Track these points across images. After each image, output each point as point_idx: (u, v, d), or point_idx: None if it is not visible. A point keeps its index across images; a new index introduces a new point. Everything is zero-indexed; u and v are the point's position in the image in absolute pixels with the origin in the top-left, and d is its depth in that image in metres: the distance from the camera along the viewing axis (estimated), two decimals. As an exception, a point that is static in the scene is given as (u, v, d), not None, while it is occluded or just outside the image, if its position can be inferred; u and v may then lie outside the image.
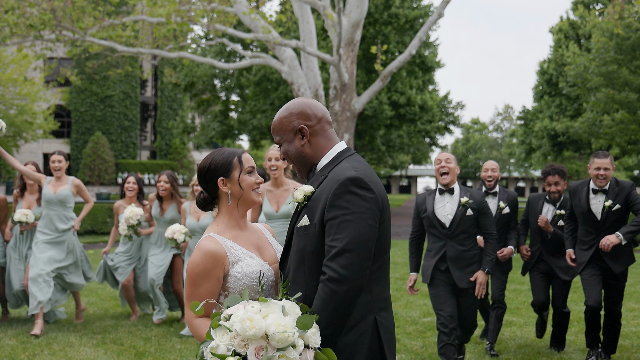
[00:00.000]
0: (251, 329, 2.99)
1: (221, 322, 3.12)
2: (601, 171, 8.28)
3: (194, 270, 3.55)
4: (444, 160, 7.68)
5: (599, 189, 8.33)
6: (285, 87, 37.08)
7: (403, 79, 39.45)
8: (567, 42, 46.17)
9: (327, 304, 3.28)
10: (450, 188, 7.68)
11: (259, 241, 3.82)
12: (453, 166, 7.69)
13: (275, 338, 3.00)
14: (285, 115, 3.72)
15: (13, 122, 37.67)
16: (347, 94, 20.68)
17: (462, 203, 7.56)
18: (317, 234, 3.44)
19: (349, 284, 3.28)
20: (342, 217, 3.35)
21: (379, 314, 3.54)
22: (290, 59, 21.09)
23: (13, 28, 19.87)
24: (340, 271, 3.28)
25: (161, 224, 10.53)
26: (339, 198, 3.39)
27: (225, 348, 3.05)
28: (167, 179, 10.39)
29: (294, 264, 3.55)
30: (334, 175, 3.50)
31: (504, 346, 9.29)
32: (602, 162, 8.30)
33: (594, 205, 8.36)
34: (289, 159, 3.74)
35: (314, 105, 3.73)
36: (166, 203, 10.51)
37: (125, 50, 21.34)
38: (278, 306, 3.12)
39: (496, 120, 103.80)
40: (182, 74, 41.16)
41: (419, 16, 38.31)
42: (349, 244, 3.30)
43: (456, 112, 47.49)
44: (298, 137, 3.68)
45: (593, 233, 8.40)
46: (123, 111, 54.33)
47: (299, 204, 3.63)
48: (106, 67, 47.43)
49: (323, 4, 19.44)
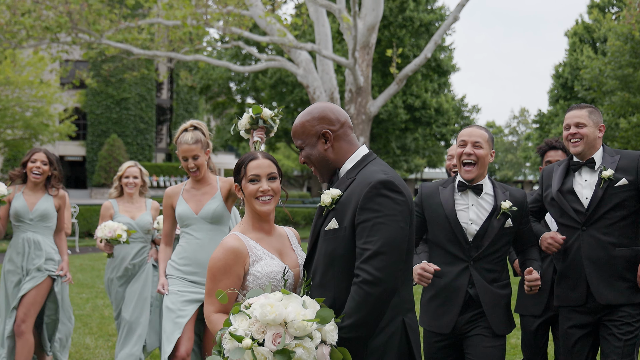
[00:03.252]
0: (271, 314, 3.02)
1: (242, 309, 3.15)
2: (571, 129, 5.40)
3: (215, 266, 3.61)
4: (470, 143, 5.04)
5: (581, 162, 5.40)
6: (301, 90, 37.12)
7: (418, 82, 39.41)
8: (582, 45, 46.00)
9: (362, 306, 3.32)
10: (478, 185, 5.06)
11: (281, 246, 3.86)
12: (484, 153, 5.03)
13: (293, 325, 3.03)
14: (308, 119, 3.73)
15: (29, 124, 37.85)
16: (363, 97, 20.67)
17: (503, 209, 4.95)
18: (348, 237, 3.47)
19: (383, 285, 3.33)
20: (375, 220, 3.39)
21: (407, 315, 3.59)
22: (305, 62, 21.11)
23: (29, 31, 19.97)
24: (374, 273, 3.32)
25: None
26: (371, 201, 3.43)
27: (243, 333, 3.07)
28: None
29: (321, 267, 3.57)
30: (363, 178, 3.53)
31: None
32: (573, 115, 5.44)
33: (578, 186, 5.38)
34: (311, 163, 3.75)
35: (337, 110, 3.75)
36: None
37: (141, 52, 21.41)
38: (299, 300, 3.14)
39: (512, 124, 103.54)
40: (198, 76, 41.30)
41: (434, 20, 38.30)
42: (382, 246, 3.35)
43: (472, 116, 47.44)
44: (321, 142, 3.71)
45: (572, 231, 5.36)
46: (139, 114, 54.55)
47: (325, 207, 3.64)
48: (122, 70, 47.59)
49: (339, 7, 19.44)
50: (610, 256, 5.20)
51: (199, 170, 6.14)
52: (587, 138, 5.33)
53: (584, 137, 5.32)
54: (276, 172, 3.85)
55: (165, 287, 6.10)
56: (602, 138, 5.44)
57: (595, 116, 5.40)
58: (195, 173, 6.14)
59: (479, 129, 5.10)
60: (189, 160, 6.12)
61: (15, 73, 34.72)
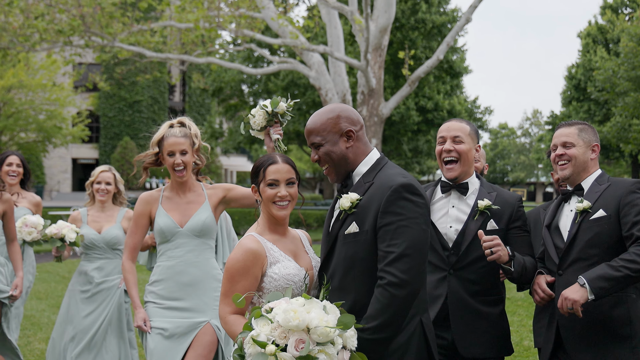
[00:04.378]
0: (294, 320, 3.02)
1: (263, 313, 3.16)
2: (559, 150, 4.65)
3: (234, 267, 3.62)
4: (449, 139, 4.59)
5: (569, 190, 4.68)
6: (313, 93, 37.12)
7: (431, 84, 39.35)
8: (596, 46, 45.83)
9: (387, 307, 3.37)
10: (462, 183, 4.60)
11: (296, 249, 3.87)
12: (466, 148, 4.55)
13: (317, 332, 3.03)
14: (331, 117, 3.73)
15: (42, 127, 38.05)
16: (375, 99, 20.64)
17: (480, 208, 4.50)
18: (369, 241, 3.52)
19: (409, 287, 3.40)
20: (398, 223, 3.44)
21: (424, 315, 3.67)
22: (317, 64, 21.10)
23: (43, 34, 20.05)
24: (400, 276, 3.37)
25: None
26: (393, 204, 3.47)
27: (265, 338, 3.07)
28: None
29: (340, 270, 3.60)
30: (382, 182, 3.57)
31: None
32: (561, 133, 4.68)
33: (564, 219, 4.64)
34: (330, 161, 3.74)
35: (356, 112, 3.79)
36: None
37: (154, 55, 21.47)
38: (320, 305, 3.15)
39: (524, 125, 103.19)
40: (210, 79, 41.36)
41: (446, 22, 38.23)
42: (407, 248, 3.40)
43: (484, 117, 47.35)
44: (343, 140, 3.72)
45: (554, 272, 4.55)
46: (151, 116, 54.73)
47: (343, 211, 3.65)
48: (134, 73, 47.58)
49: (351, 9, 19.43)
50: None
51: (185, 169, 5.27)
52: (576, 160, 4.57)
53: (572, 159, 4.57)
54: (295, 177, 3.83)
55: (147, 323, 5.16)
56: (596, 160, 4.65)
57: (586, 134, 4.59)
58: (182, 173, 5.26)
59: (459, 122, 4.67)
60: (175, 156, 5.26)
61: (29, 76, 34.97)
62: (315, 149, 3.75)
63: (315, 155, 3.76)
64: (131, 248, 5.36)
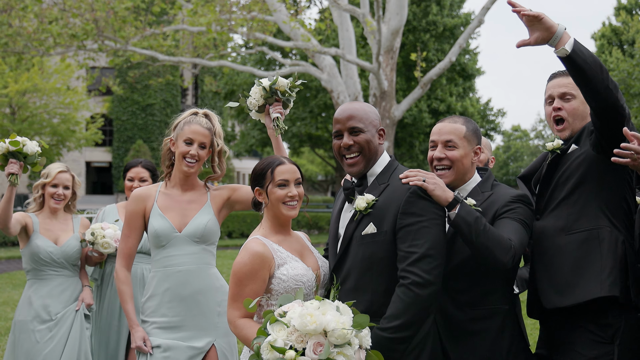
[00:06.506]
0: (311, 324, 3.03)
1: (277, 317, 3.16)
2: (556, 102, 4.13)
3: (241, 270, 3.63)
4: (440, 144, 4.01)
5: (562, 140, 4.13)
6: (325, 95, 37.11)
7: (443, 86, 39.25)
8: (610, 48, 45.65)
9: (410, 307, 3.42)
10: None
11: (301, 248, 3.89)
12: (459, 154, 3.96)
13: (334, 334, 3.04)
14: (371, 110, 3.82)
15: (56, 131, 38.19)
16: (387, 102, 20.63)
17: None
18: (388, 241, 3.56)
19: (432, 287, 3.45)
20: (419, 224, 3.50)
21: (437, 315, 3.73)
22: (329, 66, 21.10)
23: (57, 38, 20.14)
24: (424, 275, 3.42)
25: None
26: (414, 205, 3.54)
27: (283, 343, 3.08)
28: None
29: (357, 270, 3.62)
30: (399, 183, 3.62)
31: None
32: (557, 83, 4.16)
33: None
34: (367, 151, 3.76)
35: None
36: None
37: (166, 59, 21.52)
38: (333, 306, 3.17)
39: (538, 127, 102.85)
40: (223, 82, 41.39)
41: (458, 24, 38.15)
42: (429, 249, 3.46)
43: (497, 119, 47.20)
44: (378, 135, 3.79)
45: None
46: (164, 119, 54.85)
47: (359, 212, 3.68)
48: (147, 76, 47.83)
49: (362, 11, 19.42)
50: None
51: (197, 162, 4.68)
52: (576, 112, 4.06)
53: (571, 113, 4.06)
54: (300, 178, 3.87)
55: (147, 343, 4.51)
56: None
57: None
58: (192, 165, 4.65)
59: (452, 122, 4.02)
60: (193, 145, 4.65)
61: (43, 80, 35.15)
62: (354, 134, 3.75)
63: (351, 141, 3.75)
64: (126, 254, 4.69)
